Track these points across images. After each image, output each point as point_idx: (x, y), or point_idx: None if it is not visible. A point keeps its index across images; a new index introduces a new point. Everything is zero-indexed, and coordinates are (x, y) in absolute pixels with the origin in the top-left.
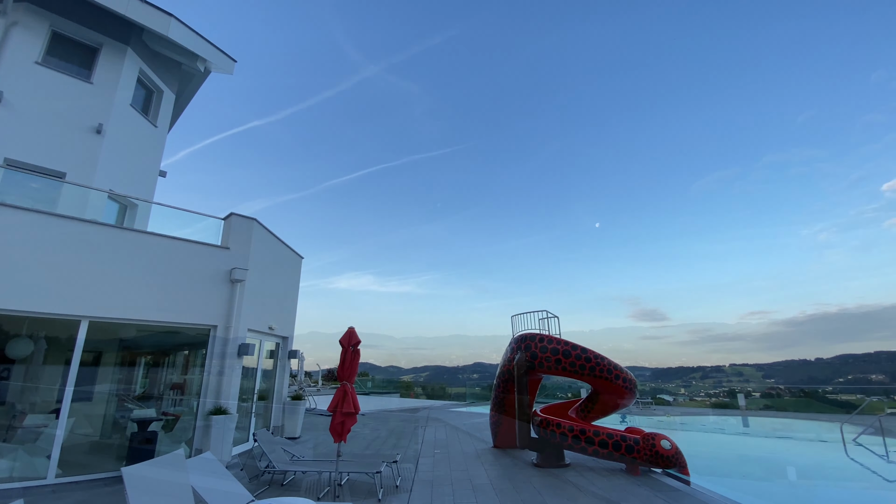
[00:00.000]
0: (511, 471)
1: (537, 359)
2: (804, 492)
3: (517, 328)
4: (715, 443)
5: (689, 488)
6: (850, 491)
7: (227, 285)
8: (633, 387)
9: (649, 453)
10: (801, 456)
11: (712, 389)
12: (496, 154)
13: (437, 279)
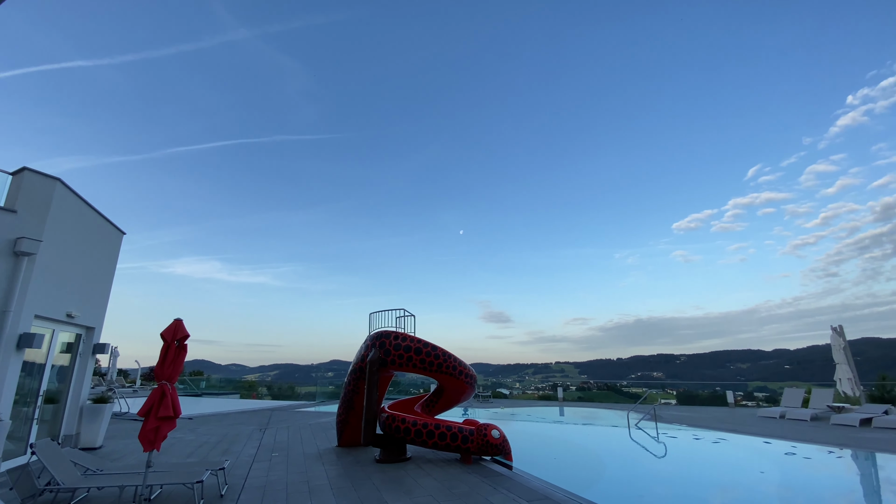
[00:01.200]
0: (352, 469)
1: (391, 356)
2: (597, 469)
3: (374, 325)
4: (536, 431)
5: (512, 472)
6: (630, 467)
7: (7, 258)
8: (473, 382)
9: (481, 443)
10: (599, 438)
11: (541, 384)
12: (373, 150)
13: (298, 272)
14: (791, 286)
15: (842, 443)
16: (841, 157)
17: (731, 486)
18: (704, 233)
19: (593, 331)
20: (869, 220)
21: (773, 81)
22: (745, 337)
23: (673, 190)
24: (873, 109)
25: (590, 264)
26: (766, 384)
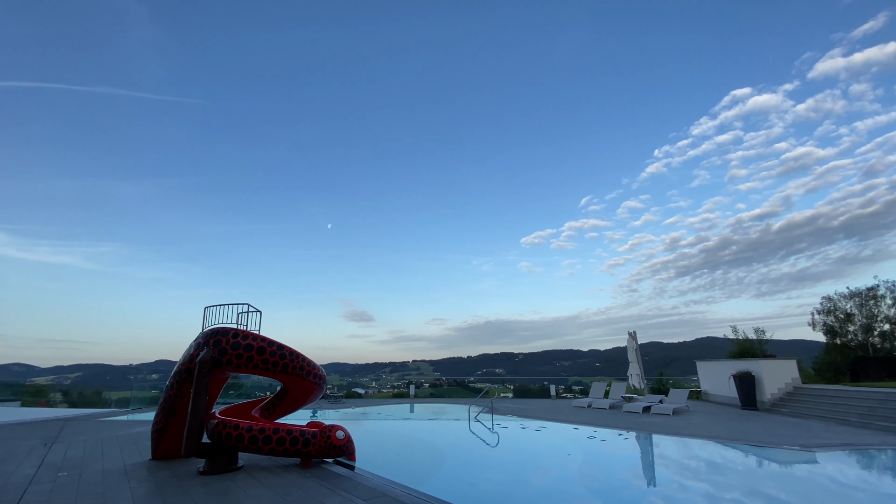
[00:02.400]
0: (167, 485)
1: (227, 355)
2: (436, 461)
3: (211, 321)
4: (384, 429)
5: (353, 473)
6: (466, 457)
7: None
8: (322, 382)
9: (324, 445)
10: (442, 432)
11: (397, 382)
12: (232, 123)
13: (121, 254)
14: (604, 298)
15: (629, 426)
16: (646, 198)
17: (547, 467)
18: (545, 248)
19: (449, 331)
20: (661, 250)
21: (605, 132)
22: (569, 338)
23: (524, 209)
24: (671, 163)
25: (451, 269)
26: (582, 379)
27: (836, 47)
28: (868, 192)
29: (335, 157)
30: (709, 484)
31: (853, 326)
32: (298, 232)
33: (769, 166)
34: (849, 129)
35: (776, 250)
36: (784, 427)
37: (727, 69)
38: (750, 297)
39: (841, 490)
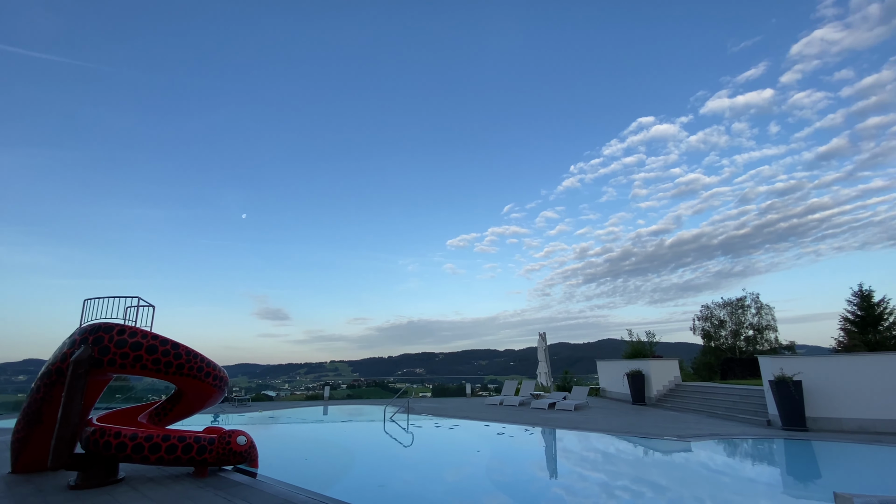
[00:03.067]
0: (29, 502)
1: (109, 354)
2: (346, 464)
3: (91, 315)
4: (293, 433)
5: (254, 480)
6: (378, 458)
7: None
8: (223, 384)
9: (223, 452)
10: (355, 434)
11: (312, 383)
12: (133, 94)
13: None
14: (521, 300)
15: (535, 422)
16: (561, 209)
17: (457, 464)
18: (469, 251)
19: (371, 330)
20: (572, 258)
21: (529, 146)
22: (487, 339)
23: (451, 212)
24: (584, 179)
25: (376, 267)
26: (497, 377)
27: (724, 89)
28: (741, 216)
29: (255, 142)
30: (604, 474)
31: (725, 331)
32: (208, 220)
33: (665, 188)
34: (729, 161)
35: (667, 263)
36: (666, 420)
37: (636, 98)
38: (645, 303)
39: (711, 475)
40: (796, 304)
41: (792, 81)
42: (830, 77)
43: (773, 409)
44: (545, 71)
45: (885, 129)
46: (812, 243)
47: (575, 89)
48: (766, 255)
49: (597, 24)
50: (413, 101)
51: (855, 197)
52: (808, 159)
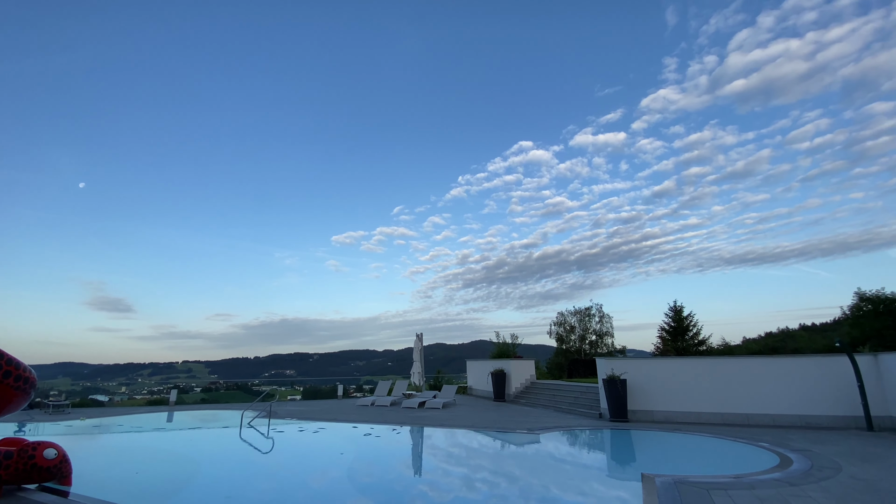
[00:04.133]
0: None
1: None
2: (188, 476)
3: None
4: (125, 443)
5: (65, 500)
6: (228, 467)
7: None
8: (29, 387)
9: (24, 467)
10: (203, 443)
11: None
12: None
13: None
14: (403, 302)
15: (404, 421)
16: (448, 216)
17: (318, 469)
18: (355, 249)
19: (236, 328)
20: (454, 263)
21: (423, 151)
22: (367, 339)
23: (339, 207)
24: (469, 190)
25: (247, 258)
26: (374, 378)
27: (589, 126)
28: (594, 238)
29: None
30: (465, 467)
31: (574, 336)
32: (34, 186)
33: (537, 207)
34: (588, 190)
35: (533, 273)
36: (520, 414)
37: (520, 123)
38: (513, 308)
39: (555, 463)
40: (630, 314)
41: (640, 129)
42: (667, 130)
43: (605, 404)
44: (443, 84)
45: (702, 177)
46: (644, 265)
47: (469, 107)
48: (610, 273)
49: (491, 50)
50: (311, 93)
51: (676, 230)
52: (645, 195)
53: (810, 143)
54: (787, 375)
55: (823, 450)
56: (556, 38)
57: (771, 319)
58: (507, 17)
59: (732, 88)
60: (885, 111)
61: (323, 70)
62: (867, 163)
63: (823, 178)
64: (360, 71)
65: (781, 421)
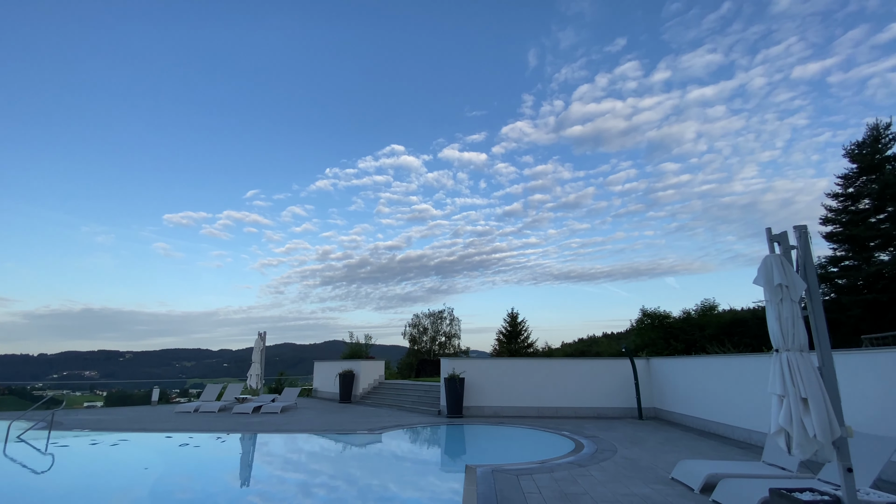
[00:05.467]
0: None
1: None
2: None
3: None
4: None
5: None
6: None
7: None
8: None
9: None
10: None
11: None
12: None
13: None
14: (250, 296)
15: (232, 428)
16: (310, 208)
17: (112, 487)
18: (194, 232)
19: (16, 317)
20: (313, 258)
21: (290, 135)
22: (199, 337)
23: (179, 181)
24: (337, 184)
25: (40, 229)
26: (204, 381)
27: (456, 142)
28: (452, 246)
29: None
30: (301, 473)
31: (426, 337)
32: None
33: (403, 211)
34: (451, 201)
35: (395, 276)
36: (364, 415)
37: (395, 125)
38: (371, 309)
39: (394, 461)
40: (476, 318)
41: (499, 153)
42: (520, 158)
43: (444, 401)
44: (321, 71)
45: (542, 203)
46: (492, 275)
47: (346, 100)
48: (464, 279)
49: (374, 51)
50: (174, 57)
51: (520, 247)
52: (498, 213)
53: (622, 187)
54: (586, 375)
55: (607, 436)
56: (437, 54)
57: (583, 327)
58: (392, 22)
59: (572, 132)
60: (673, 170)
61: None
62: (657, 208)
63: (628, 216)
64: (232, 44)
65: (582, 413)
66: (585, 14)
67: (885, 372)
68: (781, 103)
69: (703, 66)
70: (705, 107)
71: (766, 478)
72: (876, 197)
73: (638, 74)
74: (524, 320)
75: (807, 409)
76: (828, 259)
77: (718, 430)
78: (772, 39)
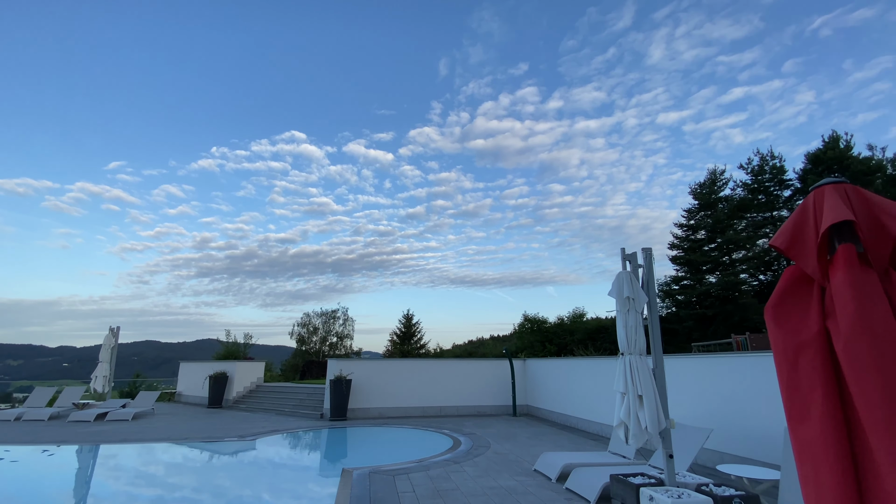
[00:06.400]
0: None
1: None
2: None
3: None
4: None
5: None
6: None
7: None
8: None
9: None
10: None
11: None
12: None
13: None
14: (104, 285)
15: (65, 439)
16: (190, 189)
17: None
18: (33, 204)
19: None
20: (189, 245)
21: (174, 103)
22: (31, 330)
23: (14, 140)
24: (224, 166)
25: None
26: (34, 383)
27: (363, 139)
28: (353, 244)
29: None
30: (159, 487)
31: (316, 337)
32: None
33: (301, 203)
34: (354, 198)
35: (286, 271)
36: (235, 421)
37: (297, 110)
38: (256, 306)
39: (273, 468)
40: (373, 319)
41: (405, 154)
42: (426, 163)
43: (328, 404)
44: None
45: (444, 209)
46: (391, 275)
47: (245, 73)
48: (362, 279)
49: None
50: None
51: (420, 249)
52: (401, 215)
53: (515, 202)
54: (470, 375)
55: (483, 432)
56: (350, 46)
57: (474, 329)
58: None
59: (475, 144)
60: (558, 191)
61: None
62: (543, 224)
63: (518, 229)
64: None
65: (464, 411)
66: (494, 34)
67: (703, 374)
68: (647, 143)
69: (590, 101)
70: (589, 138)
71: (609, 465)
72: (710, 229)
73: (536, 100)
74: (419, 322)
75: (641, 405)
76: (671, 278)
77: (579, 425)
78: (644, 87)
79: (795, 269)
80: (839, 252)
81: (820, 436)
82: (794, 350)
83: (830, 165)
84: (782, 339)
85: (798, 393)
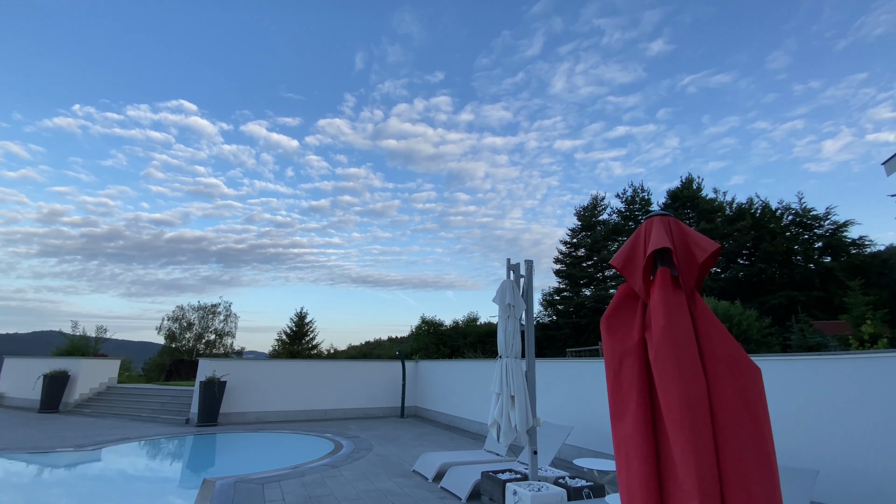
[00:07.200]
0: None
1: None
2: None
3: None
4: None
5: None
6: None
7: None
8: None
9: None
10: None
11: None
12: None
13: None
14: None
15: None
16: (39, 150)
17: None
18: None
19: None
20: (32, 217)
21: (29, 51)
22: None
23: None
24: (89, 128)
25: None
26: None
27: (265, 120)
28: (244, 233)
29: None
30: None
31: (190, 334)
32: None
33: (184, 181)
34: (249, 182)
35: (160, 257)
36: (75, 428)
37: (189, 80)
38: (117, 294)
39: (123, 482)
40: (261, 316)
41: (312, 144)
42: (335, 155)
43: (196, 408)
44: None
45: (351, 206)
46: (287, 270)
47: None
48: (252, 272)
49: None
50: None
51: (322, 245)
52: (303, 207)
53: (423, 206)
54: (362, 376)
55: (368, 435)
56: (260, 14)
57: (372, 330)
58: None
59: (387, 144)
60: (464, 200)
61: None
62: (448, 230)
63: (424, 233)
64: None
65: (351, 414)
66: (414, 38)
67: (569, 376)
68: (544, 165)
69: (498, 119)
70: (494, 153)
71: (482, 463)
72: (588, 248)
73: (449, 110)
74: (313, 321)
75: (513, 405)
76: (554, 289)
77: (462, 425)
78: (545, 114)
79: (627, 287)
80: (658, 274)
81: (633, 432)
82: (619, 357)
83: (685, 202)
84: (611, 347)
85: (619, 395)
